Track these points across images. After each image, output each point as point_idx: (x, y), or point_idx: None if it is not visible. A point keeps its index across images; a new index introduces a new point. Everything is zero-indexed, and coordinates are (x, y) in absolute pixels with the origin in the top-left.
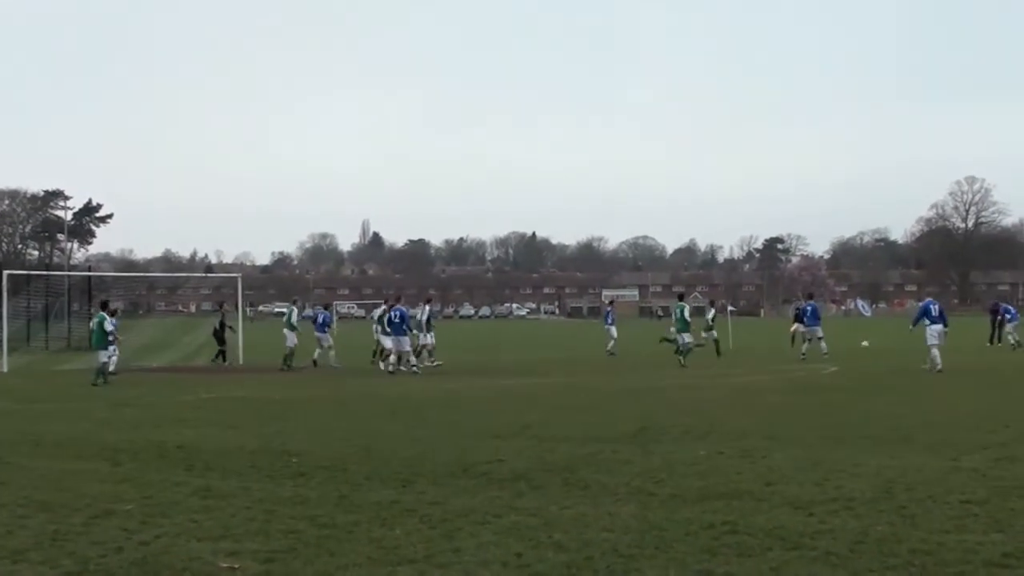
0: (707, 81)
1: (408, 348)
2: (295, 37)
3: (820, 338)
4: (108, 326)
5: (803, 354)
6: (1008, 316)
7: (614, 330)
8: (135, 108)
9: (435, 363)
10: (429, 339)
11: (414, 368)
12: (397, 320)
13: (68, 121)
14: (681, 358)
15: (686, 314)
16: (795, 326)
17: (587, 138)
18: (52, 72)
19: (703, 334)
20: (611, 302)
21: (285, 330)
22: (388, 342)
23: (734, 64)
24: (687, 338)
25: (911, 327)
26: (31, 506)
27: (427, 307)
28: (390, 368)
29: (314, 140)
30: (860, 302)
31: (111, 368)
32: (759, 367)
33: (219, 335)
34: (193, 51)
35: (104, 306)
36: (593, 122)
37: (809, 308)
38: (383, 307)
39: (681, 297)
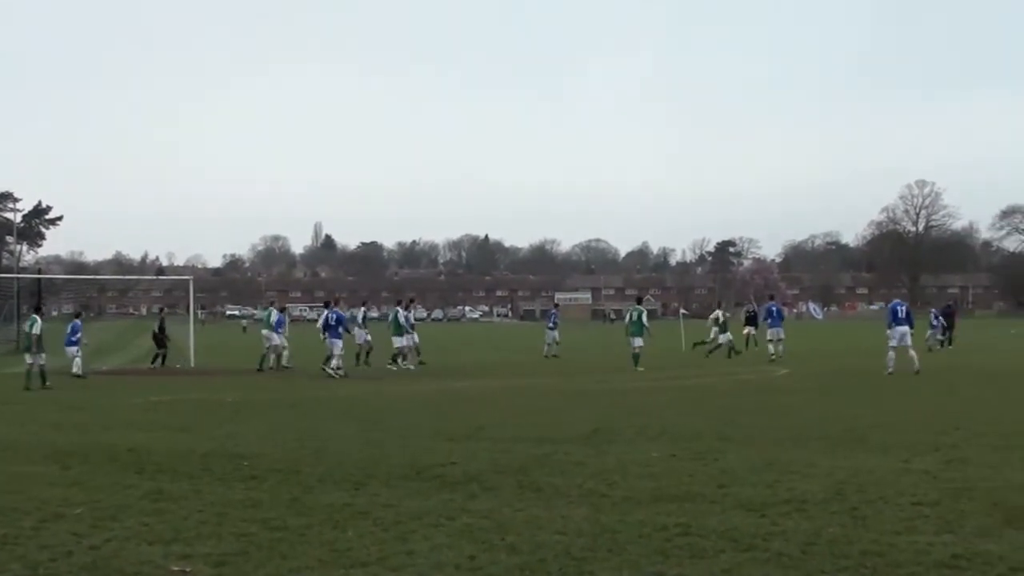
0: (660, 83)
1: (340, 351)
2: (236, 29)
3: (780, 340)
4: (37, 330)
5: (772, 355)
6: (933, 321)
7: (555, 334)
8: (86, 108)
9: (391, 366)
10: (412, 340)
11: (341, 372)
12: (333, 323)
13: (16, 121)
14: (635, 363)
15: (644, 319)
16: (747, 329)
17: (538, 140)
18: None
19: (718, 337)
20: (556, 305)
21: (264, 331)
22: (337, 346)
23: (686, 67)
24: (638, 342)
25: (888, 330)
26: None
27: (399, 308)
28: (331, 372)
29: (265, 141)
30: (812, 305)
31: (77, 371)
32: (712, 369)
33: (158, 338)
34: (141, 49)
35: (38, 310)
36: (544, 123)
37: (774, 309)
38: (362, 309)
39: (639, 300)
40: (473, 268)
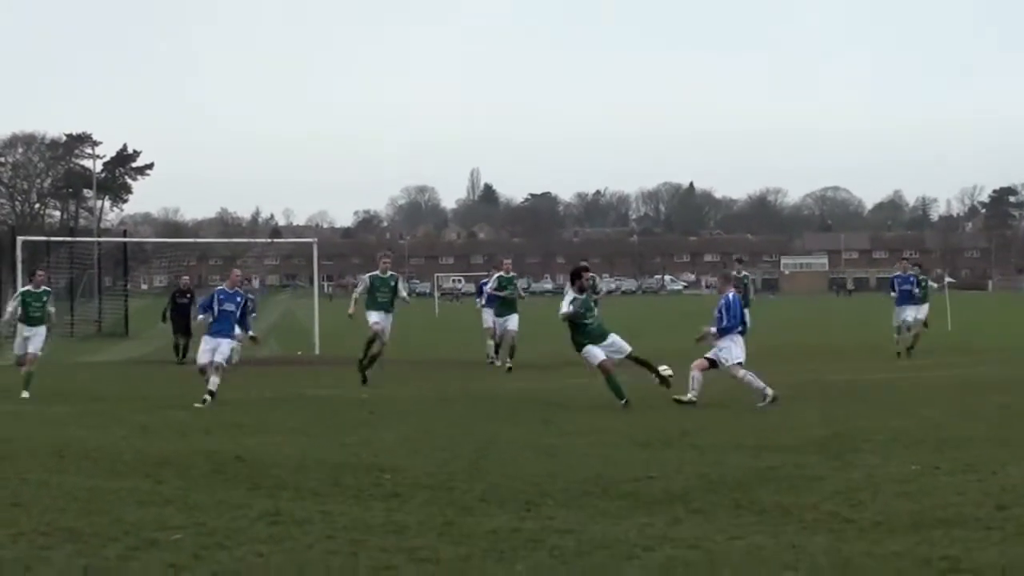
0: None
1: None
2: None
3: None
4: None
5: None
6: None
7: None
8: (180, 32)
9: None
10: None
11: None
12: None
13: (97, 54)
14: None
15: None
16: None
17: (754, 64)
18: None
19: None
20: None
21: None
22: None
23: None
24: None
25: None
26: (55, 535)
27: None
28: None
29: (409, 76)
30: None
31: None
32: (986, 357)
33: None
34: None
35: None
36: (755, 47)
37: None
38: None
39: (740, 260)
40: (675, 226)
